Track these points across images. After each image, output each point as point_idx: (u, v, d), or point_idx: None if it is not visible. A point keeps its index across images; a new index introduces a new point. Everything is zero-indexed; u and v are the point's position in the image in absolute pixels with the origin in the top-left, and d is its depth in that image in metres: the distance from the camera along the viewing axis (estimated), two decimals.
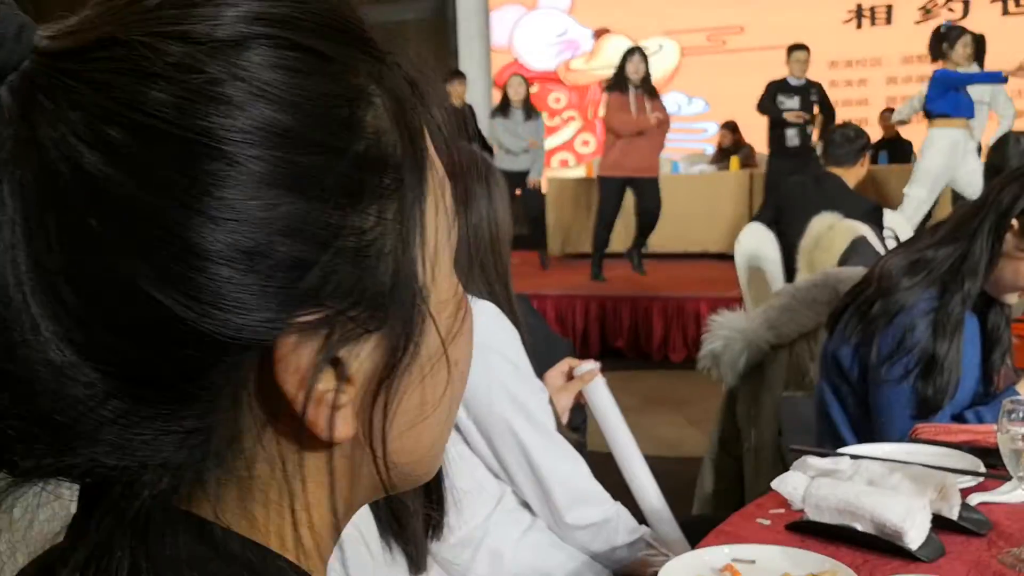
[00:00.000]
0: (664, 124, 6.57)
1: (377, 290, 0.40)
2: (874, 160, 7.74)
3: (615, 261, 7.00)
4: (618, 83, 6.58)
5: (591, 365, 1.68)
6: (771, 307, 2.11)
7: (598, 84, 9.85)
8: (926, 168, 5.84)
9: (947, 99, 5.77)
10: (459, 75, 8.22)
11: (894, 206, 6.84)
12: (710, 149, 9.09)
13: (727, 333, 2.02)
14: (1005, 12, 8.25)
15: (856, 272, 2.23)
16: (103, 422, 0.36)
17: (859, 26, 8.83)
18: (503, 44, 10.17)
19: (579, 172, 9.46)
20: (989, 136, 5.64)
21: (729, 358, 2.04)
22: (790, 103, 6.90)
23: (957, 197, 5.88)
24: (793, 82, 6.96)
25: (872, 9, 8.82)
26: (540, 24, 10.02)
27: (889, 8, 8.76)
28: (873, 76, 8.86)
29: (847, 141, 4.20)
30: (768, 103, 6.98)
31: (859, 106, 8.73)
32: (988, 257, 1.73)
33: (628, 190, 6.70)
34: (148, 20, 0.37)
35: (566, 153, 10.07)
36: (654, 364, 5.76)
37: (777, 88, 7.01)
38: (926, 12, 8.63)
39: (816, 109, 6.95)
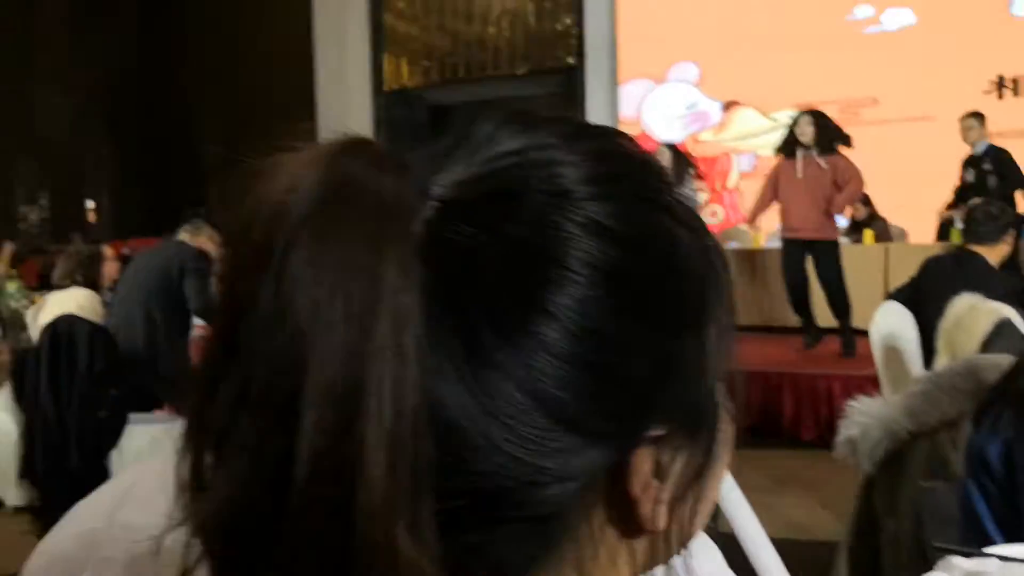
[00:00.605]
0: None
1: (701, 405, 0.45)
2: (1020, 234, 7.44)
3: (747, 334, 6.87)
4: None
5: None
6: (911, 394, 2.05)
7: (726, 155, 9.82)
8: None
9: None
10: None
11: None
12: (842, 221, 8.89)
13: (865, 419, 1.97)
14: None
15: (1001, 360, 2.14)
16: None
17: (1000, 96, 8.56)
18: (631, 117, 10.25)
19: None
20: None
21: (867, 445, 1.98)
22: (967, 176, 6.71)
23: None
24: (974, 152, 6.75)
25: (1014, 80, 8.54)
26: (669, 97, 10.08)
27: None
28: (1017, 148, 8.54)
29: (990, 218, 4.09)
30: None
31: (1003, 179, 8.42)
32: None
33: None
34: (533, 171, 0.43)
35: None
36: (784, 443, 5.60)
37: (965, 162, 6.80)
38: None
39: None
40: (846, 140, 6.47)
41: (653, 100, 10.15)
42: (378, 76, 12.12)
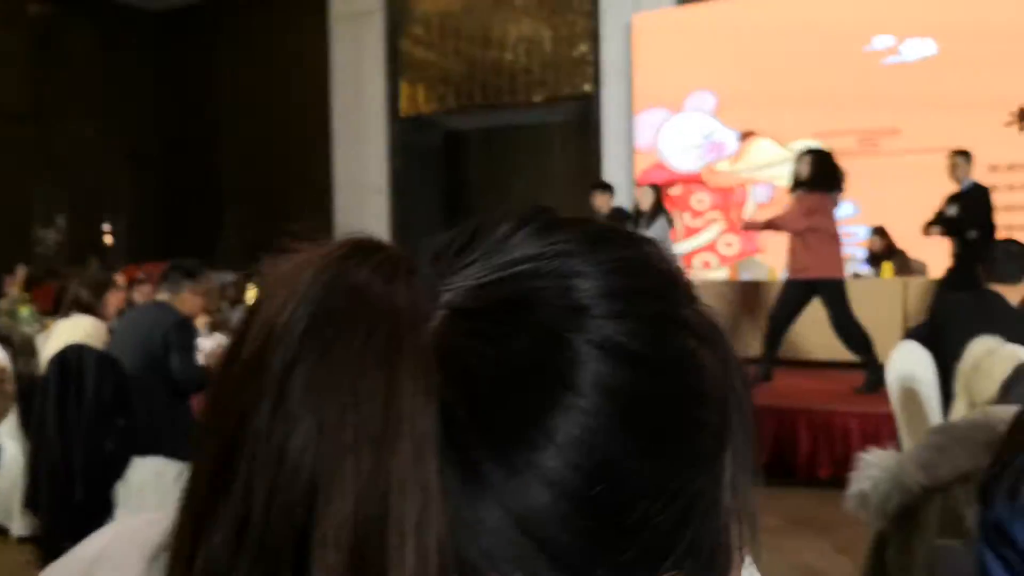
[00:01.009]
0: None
1: (714, 550, 0.41)
2: None
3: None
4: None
5: None
6: (925, 446, 1.97)
7: (741, 186, 9.76)
8: None
9: None
10: (604, 187, 8.30)
11: None
12: (860, 253, 8.82)
13: (876, 473, 1.90)
14: None
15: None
16: None
17: (1021, 129, 8.48)
18: (648, 146, 10.22)
19: (722, 274, 9.32)
20: None
21: (878, 500, 1.91)
22: (949, 210, 6.67)
23: None
24: (959, 188, 6.72)
25: None
26: (685, 126, 10.04)
27: None
28: None
29: (1010, 257, 4.00)
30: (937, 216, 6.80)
31: (1022, 211, 8.34)
32: None
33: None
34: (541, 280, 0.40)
35: (709, 254, 9.95)
36: (799, 482, 5.50)
37: (949, 199, 6.78)
38: None
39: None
40: (839, 184, 6.39)
41: (669, 129, 10.12)
42: (394, 102, 12.16)
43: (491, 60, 11.78)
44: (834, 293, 6.34)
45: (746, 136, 9.75)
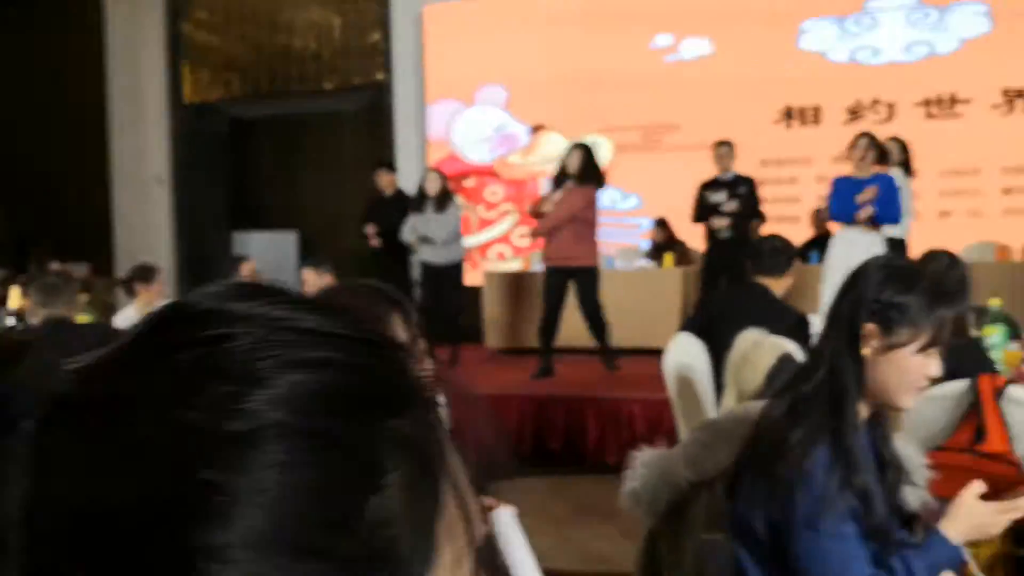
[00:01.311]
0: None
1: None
2: (805, 259, 7.84)
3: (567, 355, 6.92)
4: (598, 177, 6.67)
5: (506, 516, 1.57)
6: (691, 442, 2.03)
7: (534, 178, 9.93)
8: (827, 266, 6.07)
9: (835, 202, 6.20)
10: (388, 166, 8.26)
11: None
12: (644, 244, 9.15)
13: (645, 471, 1.94)
14: (928, 116, 8.50)
15: None
16: None
17: (789, 126, 9.03)
18: (440, 137, 10.22)
19: (516, 265, 9.44)
20: None
21: (648, 497, 1.95)
22: (716, 196, 7.02)
23: None
24: (721, 176, 7.09)
25: (801, 110, 9.03)
26: (477, 118, 10.10)
27: (817, 109, 8.98)
28: (803, 175, 9.03)
29: (775, 251, 4.21)
30: (698, 202, 7.13)
31: (790, 204, 8.87)
32: (854, 372, 1.69)
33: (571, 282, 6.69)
34: (169, 385, 0.38)
35: (503, 246, 10.06)
36: (588, 468, 5.63)
37: (705, 185, 7.15)
38: (853, 114, 8.86)
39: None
40: (600, 179, 6.66)
41: (461, 121, 10.15)
42: (176, 89, 11.59)
43: (279, 46, 11.43)
44: (591, 280, 6.63)
45: (537, 129, 9.91)
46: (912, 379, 1.71)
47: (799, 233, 8.14)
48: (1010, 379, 3.03)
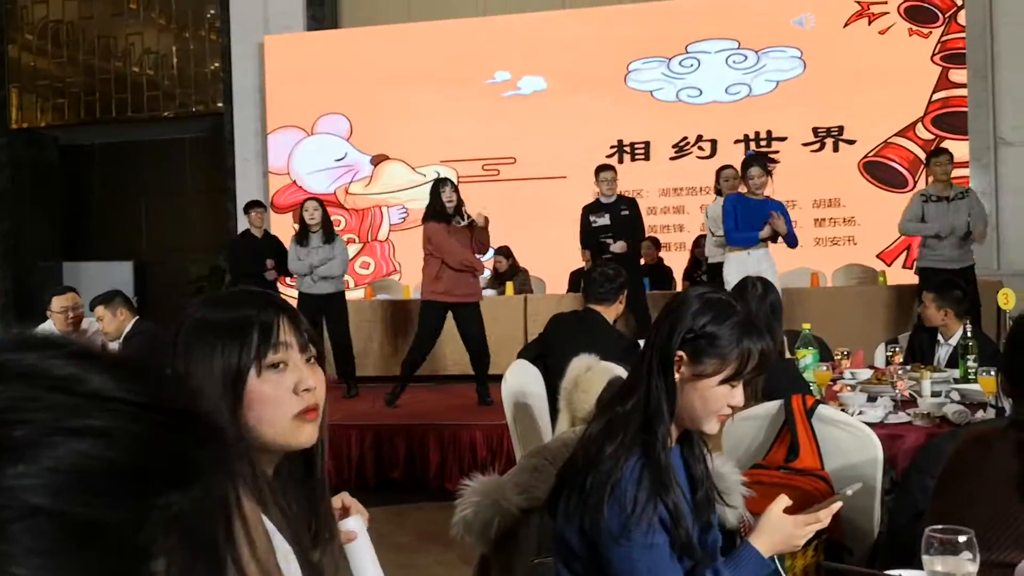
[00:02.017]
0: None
1: None
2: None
3: (389, 386, 6.97)
4: (436, 213, 6.66)
5: (354, 525, 1.54)
6: (522, 468, 2.15)
7: (377, 208, 9.98)
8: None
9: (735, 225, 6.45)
10: (257, 204, 8.09)
11: None
12: (484, 274, 9.32)
13: (476, 499, 2.04)
14: (747, 150, 9.05)
15: None
16: None
17: (620, 160, 9.42)
18: (281, 166, 10.14)
19: (358, 294, 9.45)
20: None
21: (479, 525, 2.05)
22: (601, 220, 7.20)
23: None
24: (604, 199, 7.27)
25: (632, 145, 9.45)
26: (318, 148, 10.09)
27: (647, 144, 9.42)
28: None
29: (607, 279, 4.43)
30: (583, 224, 7.27)
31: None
32: (666, 395, 1.77)
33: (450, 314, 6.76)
34: None
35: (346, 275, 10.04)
36: (430, 495, 5.71)
37: (590, 208, 7.31)
38: (679, 150, 9.35)
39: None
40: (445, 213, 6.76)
41: (303, 150, 10.12)
42: (2, 113, 11.07)
43: (115, 72, 11.10)
44: (473, 314, 6.72)
45: (378, 160, 9.98)
46: (714, 408, 1.79)
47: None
48: (820, 399, 3.28)
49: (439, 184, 6.78)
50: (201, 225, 11.32)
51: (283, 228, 10.02)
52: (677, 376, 1.79)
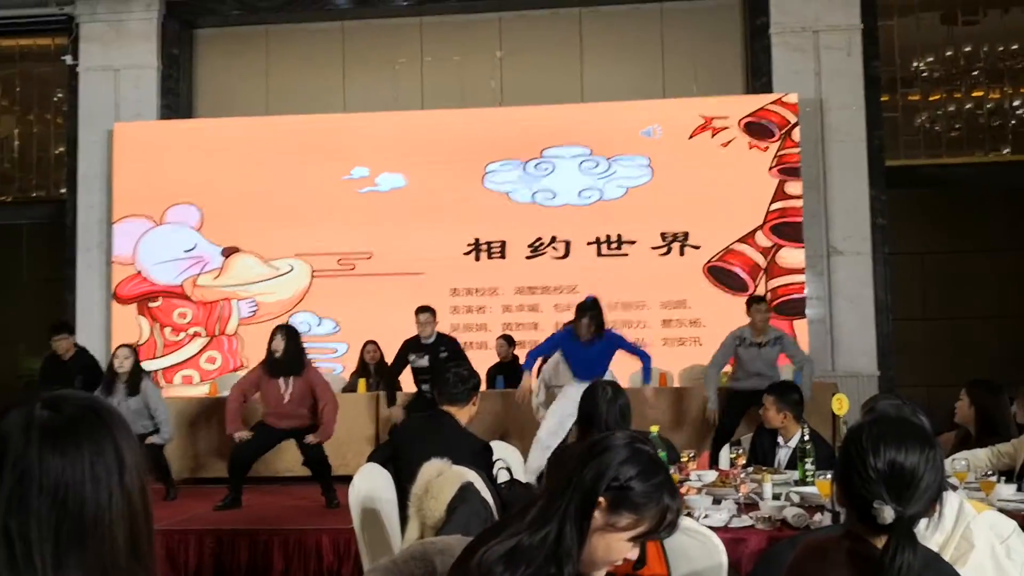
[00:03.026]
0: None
1: None
2: (492, 384, 8.21)
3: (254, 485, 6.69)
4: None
5: None
6: None
7: (226, 300, 9.72)
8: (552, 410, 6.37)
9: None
10: (64, 329, 7.71)
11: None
12: (339, 369, 9.18)
13: None
14: (599, 254, 9.30)
15: (453, 543, 2.27)
16: None
17: (477, 259, 9.51)
18: (127, 256, 9.79)
19: (203, 389, 9.12)
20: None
21: None
22: (420, 361, 7.20)
23: None
24: (424, 340, 7.28)
25: (488, 243, 9.57)
26: (167, 238, 9.81)
27: (503, 244, 9.56)
28: (491, 303, 9.51)
29: (460, 381, 4.39)
30: (399, 360, 7.28)
31: (479, 331, 9.29)
32: (579, 539, 1.72)
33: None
34: None
35: (190, 370, 9.70)
36: None
37: (409, 347, 7.29)
38: (534, 250, 9.53)
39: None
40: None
41: (150, 240, 9.81)
42: None
43: None
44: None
45: (229, 252, 9.77)
46: (613, 559, 1.77)
47: (487, 358, 8.52)
48: None
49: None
50: (37, 316, 10.75)
51: (127, 319, 9.64)
52: (593, 521, 1.75)
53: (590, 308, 6.43)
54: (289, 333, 6.66)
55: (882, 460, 1.90)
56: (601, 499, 1.74)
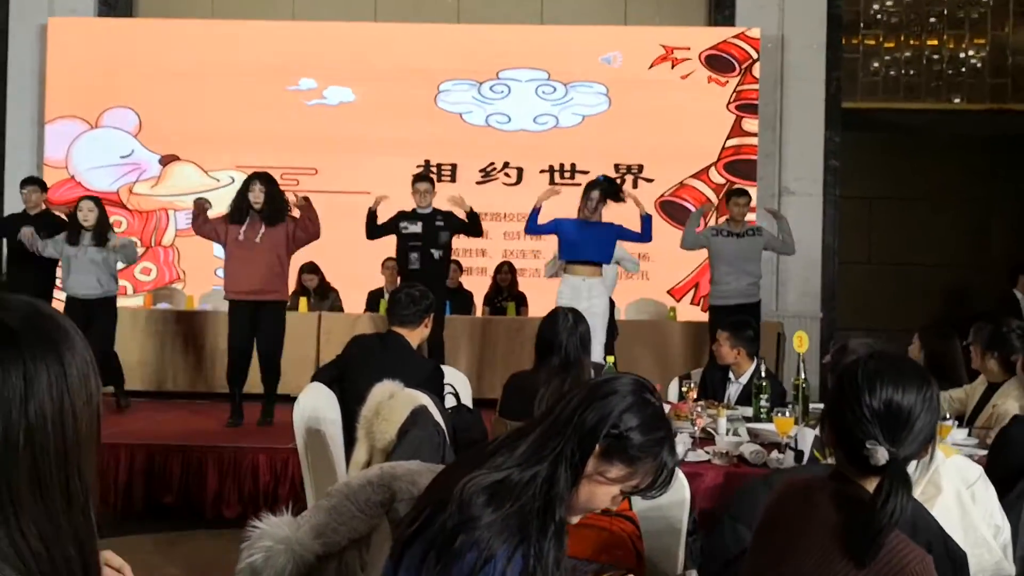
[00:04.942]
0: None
1: None
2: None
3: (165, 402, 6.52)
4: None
5: None
6: (320, 508, 1.93)
7: (163, 210, 9.38)
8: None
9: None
10: (31, 182, 7.39)
11: None
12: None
13: (268, 543, 1.81)
14: (551, 182, 9.12)
15: (414, 468, 2.13)
16: None
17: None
18: (59, 159, 9.35)
19: (138, 301, 8.82)
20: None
21: (271, 573, 1.81)
22: (412, 227, 6.94)
23: None
24: (420, 210, 7.01)
25: (439, 165, 9.33)
26: (102, 143, 9.38)
27: (454, 167, 9.33)
28: None
29: (412, 302, 4.23)
30: (386, 227, 6.99)
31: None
32: (570, 484, 1.62)
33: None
34: None
35: (124, 280, 9.34)
36: (206, 523, 5.31)
37: (402, 215, 7.03)
38: (485, 175, 9.32)
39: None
40: (287, 209, 6.47)
41: (85, 143, 9.37)
42: None
43: None
44: (278, 314, 6.41)
45: (168, 160, 9.39)
46: (594, 506, 1.67)
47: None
48: None
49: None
50: None
51: None
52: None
53: (602, 184, 6.46)
54: (267, 180, 6.40)
55: (878, 399, 1.79)
56: (596, 445, 1.63)
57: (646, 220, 6.61)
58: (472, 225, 7.03)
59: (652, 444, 1.66)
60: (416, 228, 6.92)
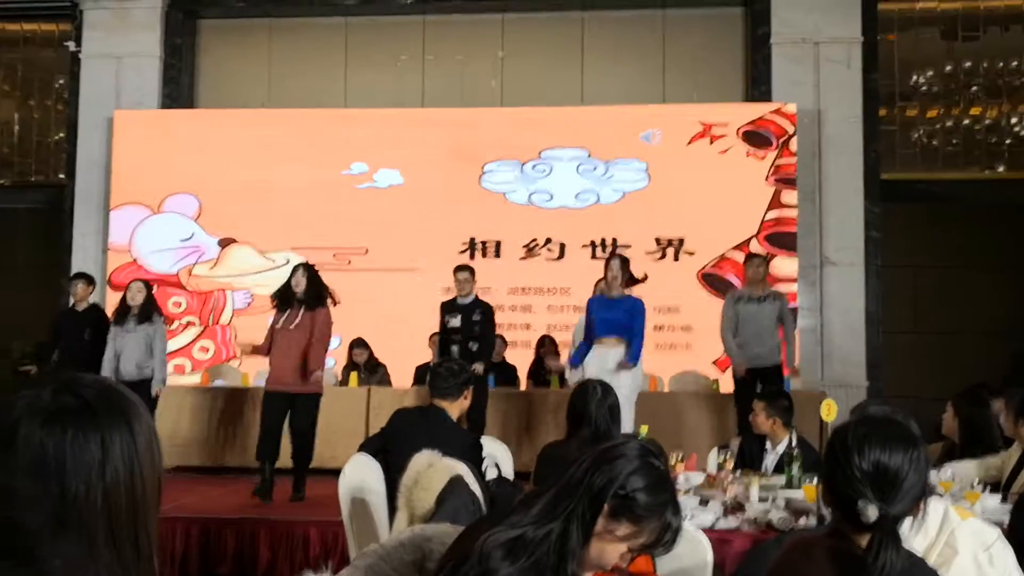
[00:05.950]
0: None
1: None
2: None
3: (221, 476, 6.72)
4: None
5: None
6: (356, 568, 2.09)
7: (221, 291, 9.74)
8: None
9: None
10: (80, 277, 7.77)
11: None
12: (331, 363, 9.17)
13: None
14: (594, 257, 9.31)
15: (445, 530, 2.29)
16: None
17: (472, 257, 9.54)
18: (122, 243, 9.80)
19: (195, 379, 9.13)
20: None
21: None
22: (453, 321, 7.18)
23: None
24: (460, 300, 7.25)
25: (483, 243, 9.59)
26: (164, 227, 9.82)
27: (499, 244, 9.58)
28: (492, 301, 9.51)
29: (452, 375, 4.41)
30: (441, 325, 7.26)
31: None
32: (583, 539, 1.75)
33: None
34: None
35: (183, 359, 9.70)
36: None
37: (445, 308, 7.27)
38: (529, 250, 9.56)
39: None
40: (329, 296, 6.67)
41: (147, 228, 9.82)
42: None
43: None
44: (309, 405, 6.55)
45: (226, 243, 9.78)
46: (604, 563, 1.78)
47: None
48: None
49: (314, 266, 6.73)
50: (32, 301, 10.75)
51: None
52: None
53: (617, 256, 6.77)
54: (309, 271, 6.62)
55: (866, 460, 1.93)
56: (605, 505, 1.77)
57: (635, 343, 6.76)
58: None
59: (657, 504, 1.79)
60: (456, 322, 7.17)
